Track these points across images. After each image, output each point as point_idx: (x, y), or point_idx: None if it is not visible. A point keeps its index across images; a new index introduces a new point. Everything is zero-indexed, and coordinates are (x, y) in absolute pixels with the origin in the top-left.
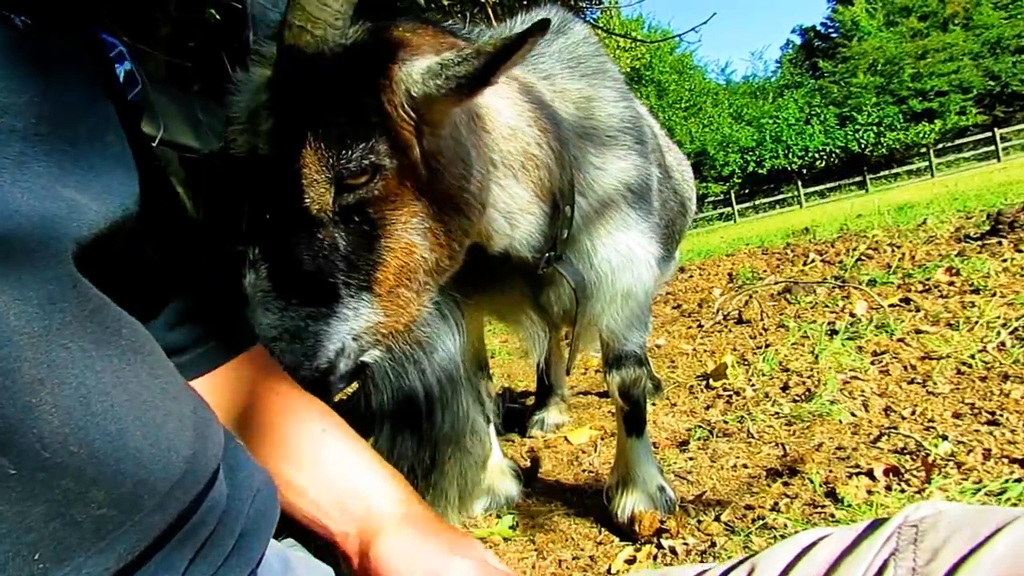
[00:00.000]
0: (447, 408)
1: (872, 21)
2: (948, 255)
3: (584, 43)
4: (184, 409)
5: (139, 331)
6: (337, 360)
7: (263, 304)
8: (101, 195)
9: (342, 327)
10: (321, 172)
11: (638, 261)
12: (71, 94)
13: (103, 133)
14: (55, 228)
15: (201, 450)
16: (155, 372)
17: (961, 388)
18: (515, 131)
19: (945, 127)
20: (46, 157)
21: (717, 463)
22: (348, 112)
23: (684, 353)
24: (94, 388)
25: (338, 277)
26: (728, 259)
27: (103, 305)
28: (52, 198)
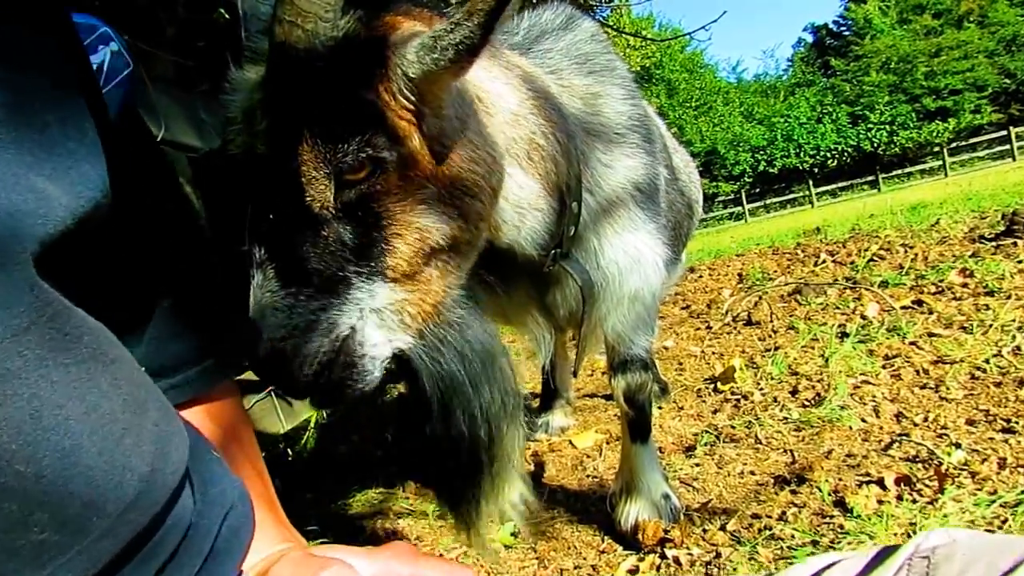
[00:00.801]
0: (493, 383)
1: (885, 19)
2: (962, 256)
3: (592, 40)
4: (145, 422)
5: (102, 337)
6: (355, 336)
7: (271, 304)
8: (71, 185)
9: (355, 307)
10: (319, 169)
11: (646, 263)
12: (37, 81)
13: (73, 121)
14: (17, 226)
15: (161, 467)
16: (117, 382)
17: (975, 394)
18: (518, 118)
19: (959, 126)
20: (13, 145)
21: (724, 469)
22: (343, 106)
23: (692, 355)
24: (48, 400)
25: (348, 269)
26: (738, 259)
27: (63, 310)
28: (20, 188)
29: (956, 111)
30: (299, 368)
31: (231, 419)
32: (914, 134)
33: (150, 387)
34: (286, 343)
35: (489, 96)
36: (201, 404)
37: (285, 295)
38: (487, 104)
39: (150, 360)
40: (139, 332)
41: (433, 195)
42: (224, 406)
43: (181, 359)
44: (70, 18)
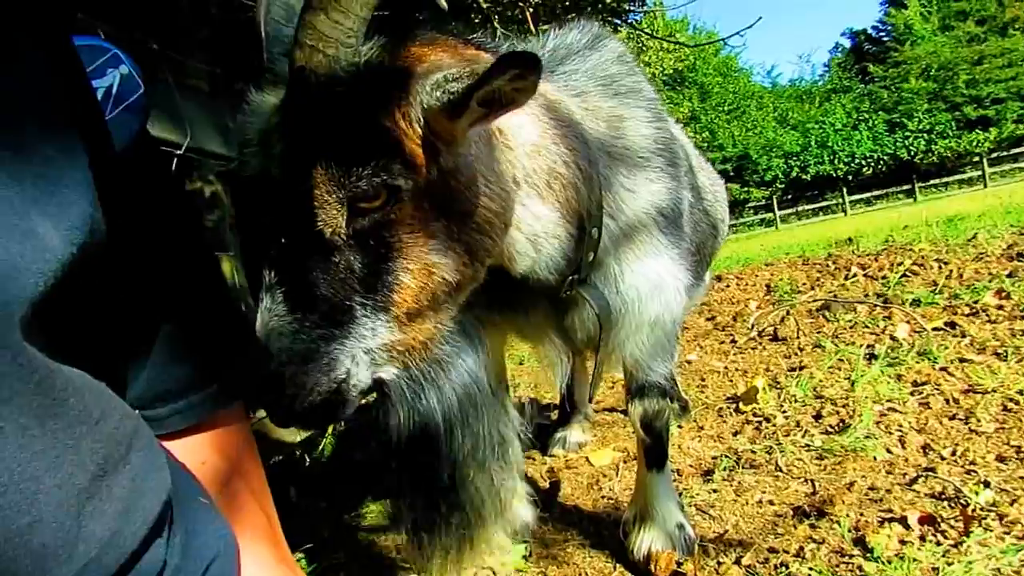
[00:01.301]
0: (467, 428)
1: (926, 25)
2: (998, 275)
3: (618, 61)
4: (121, 479)
5: (88, 396)
6: (350, 379)
7: (277, 329)
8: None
9: (356, 345)
10: (333, 195)
11: (667, 289)
12: (29, 117)
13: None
14: (7, 288)
15: (125, 527)
16: (98, 444)
17: (1007, 428)
18: (539, 148)
19: (1000, 135)
20: (16, 183)
21: (742, 497)
22: (360, 133)
23: (715, 371)
24: (19, 474)
25: (354, 300)
26: (767, 269)
27: (49, 374)
28: (18, 234)
29: (998, 120)
30: (292, 398)
31: (236, 449)
32: (953, 143)
33: (135, 435)
34: (285, 370)
35: (509, 128)
36: (205, 431)
37: (291, 320)
38: (507, 137)
39: (153, 385)
40: (143, 356)
41: (443, 230)
42: (229, 434)
43: (185, 384)
44: (71, 42)
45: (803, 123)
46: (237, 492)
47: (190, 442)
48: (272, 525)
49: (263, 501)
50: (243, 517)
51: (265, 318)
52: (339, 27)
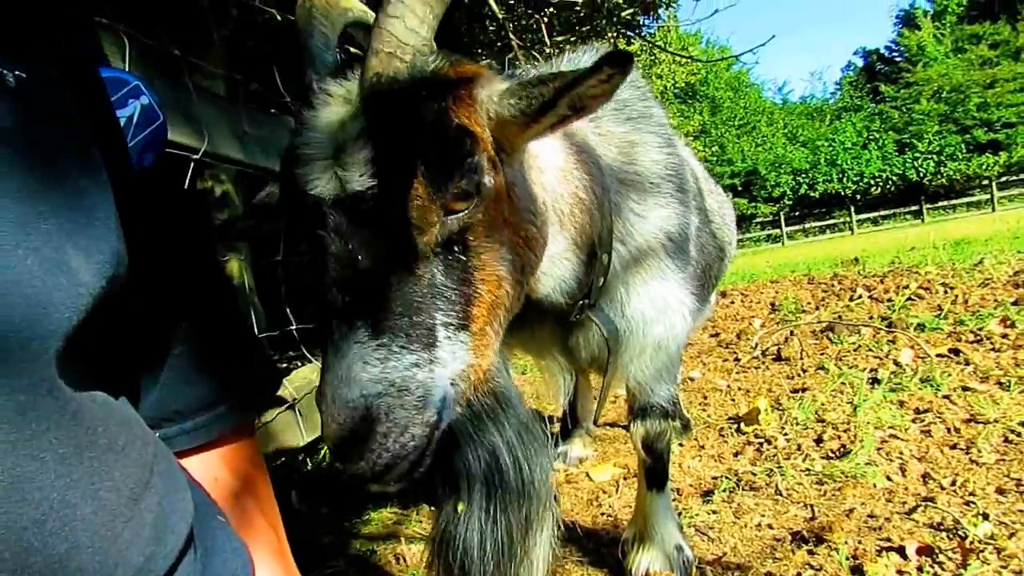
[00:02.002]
0: (533, 461)
1: (939, 47)
2: (1003, 302)
3: (631, 86)
4: (149, 504)
5: (112, 425)
6: (442, 411)
7: (361, 357)
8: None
9: (444, 372)
10: (432, 199)
11: (672, 313)
12: (63, 150)
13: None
14: (44, 323)
15: (158, 550)
16: (128, 471)
17: (1007, 460)
18: (565, 173)
19: (1010, 160)
20: (52, 215)
21: (741, 520)
22: (448, 135)
23: (718, 389)
24: (58, 502)
25: (436, 317)
26: (772, 286)
27: (82, 405)
28: (57, 268)
29: (1008, 145)
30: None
31: (245, 466)
32: (962, 166)
33: (158, 459)
34: (381, 403)
35: (542, 154)
36: (215, 448)
37: (376, 346)
38: (539, 160)
39: (164, 405)
40: (154, 376)
41: (507, 240)
42: (239, 451)
43: (195, 405)
44: (99, 75)
45: (813, 140)
46: (247, 508)
47: (201, 459)
48: (280, 541)
49: (271, 516)
50: (253, 533)
51: (343, 347)
52: (417, 35)
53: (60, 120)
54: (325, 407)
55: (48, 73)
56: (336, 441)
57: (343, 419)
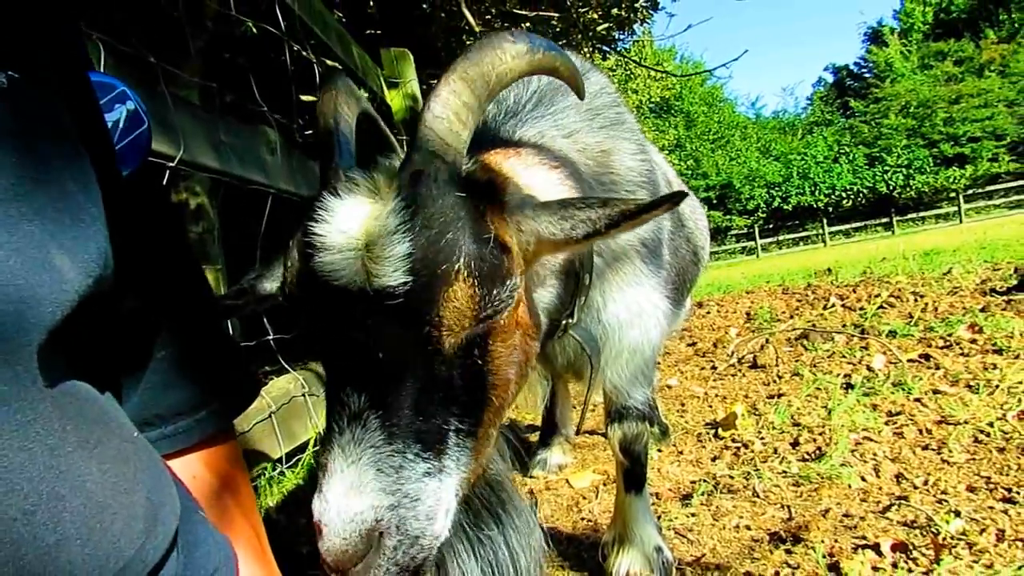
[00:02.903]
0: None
1: (906, 63)
2: (972, 309)
3: (602, 94)
4: (138, 498)
5: (101, 415)
6: (446, 522)
7: (375, 464)
8: (80, 259)
9: (451, 480)
10: (469, 305)
11: (647, 317)
12: (51, 151)
13: (91, 187)
14: (28, 315)
15: (149, 541)
16: (120, 457)
17: (977, 459)
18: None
19: (976, 173)
20: (37, 216)
21: (719, 522)
22: (487, 243)
23: (695, 396)
24: (48, 493)
25: (451, 423)
26: (747, 296)
27: (66, 395)
28: (41, 266)
29: (974, 158)
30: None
31: (226, 467)
32: (931, 179)
33: (144, 454)
34: (394, 513)
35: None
36: (196, 451)
37: (391, 453)
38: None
39: (145, 409)
40: (135, 380)
41: (519, 341)
42: (219, 452)
43: (176, 409)
44: (88, 79)
45: (785, 154)
46: (226, 507)
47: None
48: (260, 538)
49: (251, 515)
50: (233, 530)
51: (353, 452)
52: (458, 137)
53: (49, 122)
54: (328, 518)
55: (40, 76)
56: (337, 555)
57: (349, 533)
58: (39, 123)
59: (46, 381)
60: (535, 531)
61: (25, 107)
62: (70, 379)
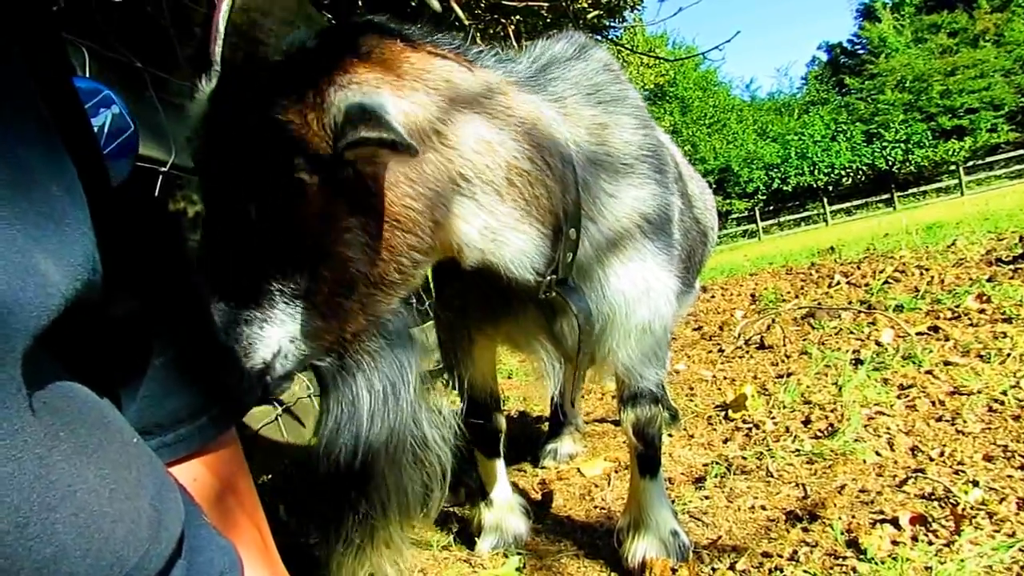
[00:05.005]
0: (385, 417)
1: (900, 38)
2: (978, 280)
3: (603, 71)
4: (142, 503)
5: (101, 418)
6: (273, 361)
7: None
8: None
9: (277, 331)
10: (240, 182)
11: (655, 294)
12: (32, 156)
13: (76, 190)
14: (11, 322)
15: (153, 548)
16: (121, 462)
17: (993, 428)
18: (492, 144)
19: (975, 144)
20: (19, 220)
21: (734, 504)
22: (268, 125)
23: (704, 380)
24: (39, 504)
25: (271, 284)
26: (751, 279)
27: (57, 398)
28: (23, 271)
29: (972, 130)
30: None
31: (228, 469)
32: (929, 152)
33: (146, 458)
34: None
35: (452, 127)
36: (197, 456)
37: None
38: (446, 138)
39: (144, 417)
40: (133, 389)
41: (360, 225)
42: (221, 456)
43: (176, 417)
44: (72, 82)
45: (783, 135)
46: (229, 509)
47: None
48: (265, 541)
49: (255, 517)
50: (237, 532)
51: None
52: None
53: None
54: None
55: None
56: None
57: None
58: (18, 128)
59: (39, 386)
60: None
61: (3, 110)
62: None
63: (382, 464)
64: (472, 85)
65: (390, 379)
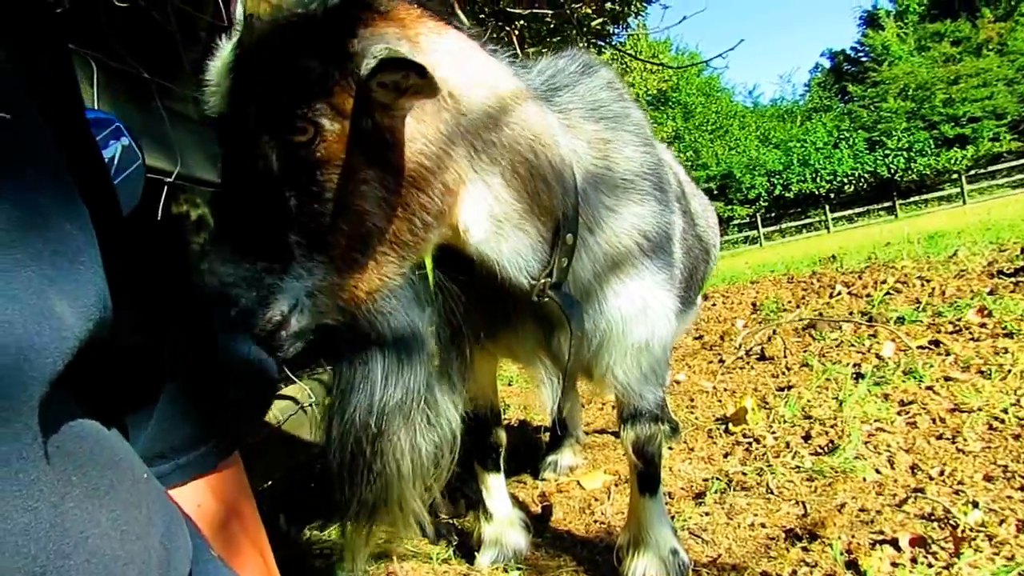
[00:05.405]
0: (400, 377)
1: (903, 46)
2: (980, 292)
3: (607, 88)
4: (152, 543)
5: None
6: (290, 315)
7: (220, 255)
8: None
9: (295, 283)
10: (261, 127)
11: (653, 313)
12: (47, 193)
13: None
14: (27, 369)
15: None
16: (132, 501)
17: (993, 447)
18: (499, 122)
19: (978, 153)
20: (34, 261)
21: (734, 521)
22: (291, 72)
23: (704, 391)
24: (54, 552)
25: (289, 236)
26: (752, 287)
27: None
28: (40, 315)
29: (975, 139)
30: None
31: (231, 493)
32: (932, 161)
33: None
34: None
35: (462, 94)
36: (202, 479)
37: (234, 250)
38: (458, 102)
39: (154, 443)
40: (140, 417)
41: (377, 179)
42: (224, 480)
43: (185, 442)
44: (84, 116)
45: (785, 142)
46: (232, 534)
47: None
48: (267, 563)
49: (259, 542)
50: (240, 560)
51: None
52: None
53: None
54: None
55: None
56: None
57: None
58: (33, 164)
59: (53, 430)
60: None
61: (17, 148)
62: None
63: (397, 423)
64: (486, 64)
65: (404, 340)
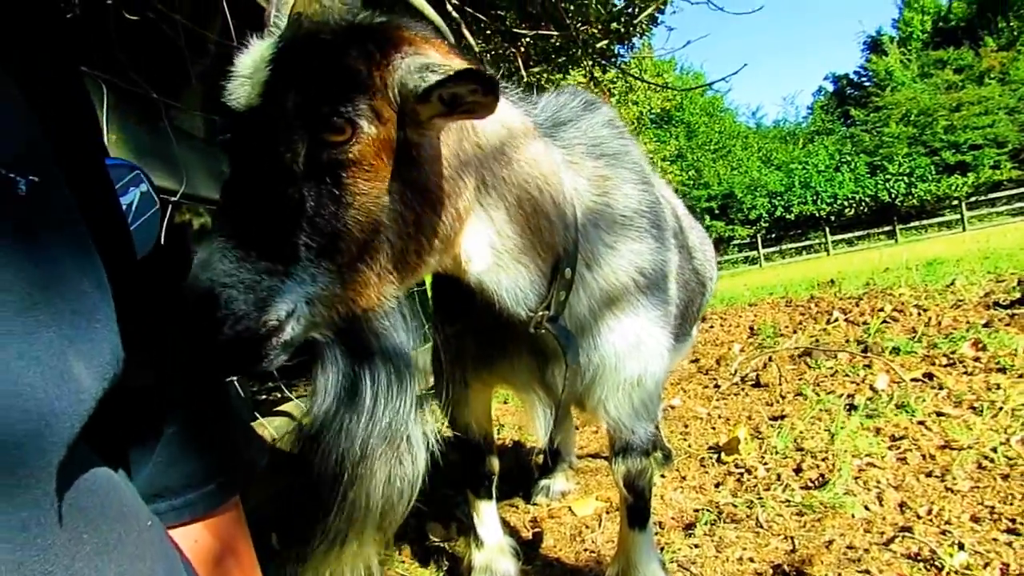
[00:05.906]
0: (390, 402)
1: (906, 72)
2: (975, 325)
3: (607, 125)
4: None
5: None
6: (286, 321)
7: (221, 252)
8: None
9: (297, 288)
10: (298, 120)
11: (647, 350)
12: (68, 253)
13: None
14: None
15: None
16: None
17: (981, 487)
18: (511, 160)
19: (978, 180)
20: (54, 322)
21: (722, 554)
22: (337, 72)
23: (698, 417)
24: None
25: (300, 238)
26: (751, 309)
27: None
28: (59, 378)
29: (975, 166)
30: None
31: (229, 532)
32: (932, 187)
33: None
34: (226, 292)
35: (483, 130)
36: (201, 520)
37: (236, 247)
38: (479, 135)
39: (154, 482)
40: (145, 455)
41: (397, 191)
42: (224, 519)
43: (184, 483)
44: (105, 167)
45: (787, 163)
46: (227, 571)
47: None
48: None
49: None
50: None
51: (212, 240)
52: None
53: (66, 223)
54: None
55: (58, 175)
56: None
57: (194, 298)
58: (56, 225)
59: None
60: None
61: (42, 212)
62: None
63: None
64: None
65: (395, 363)
